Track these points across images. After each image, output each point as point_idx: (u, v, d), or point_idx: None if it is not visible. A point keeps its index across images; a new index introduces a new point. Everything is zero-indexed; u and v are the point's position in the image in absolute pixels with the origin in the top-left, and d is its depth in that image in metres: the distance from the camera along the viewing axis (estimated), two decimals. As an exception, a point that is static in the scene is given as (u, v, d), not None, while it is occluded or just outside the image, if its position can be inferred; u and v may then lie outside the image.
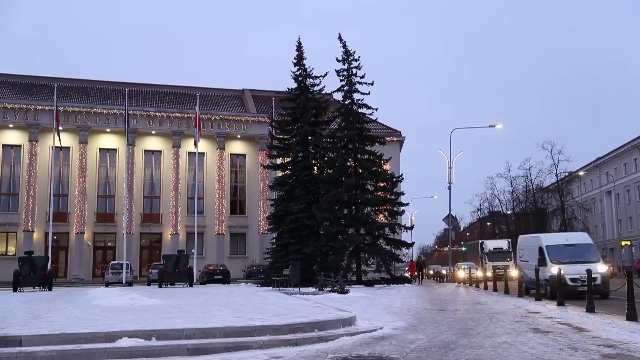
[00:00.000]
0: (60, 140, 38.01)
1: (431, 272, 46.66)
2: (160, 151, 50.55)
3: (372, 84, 34.68)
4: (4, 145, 47.46)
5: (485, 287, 27.49)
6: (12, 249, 46.39)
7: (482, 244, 47.94)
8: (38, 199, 46.27)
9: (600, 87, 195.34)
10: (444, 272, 46.61)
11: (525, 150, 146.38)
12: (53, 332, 9.92)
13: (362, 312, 14.29)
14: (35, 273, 28.64)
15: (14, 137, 47.60)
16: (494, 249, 45.02)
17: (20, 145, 47.64)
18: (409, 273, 34.88)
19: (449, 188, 43.24)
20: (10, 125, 47.16)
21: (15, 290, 27.53)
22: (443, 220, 46.67)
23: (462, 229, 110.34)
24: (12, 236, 46.80)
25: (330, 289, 23.12)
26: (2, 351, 9.06)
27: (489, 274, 31.35)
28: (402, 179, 36.18)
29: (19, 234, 46.33)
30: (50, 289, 28.15)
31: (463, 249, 77.98)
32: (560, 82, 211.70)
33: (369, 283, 32.04)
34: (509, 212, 74.51)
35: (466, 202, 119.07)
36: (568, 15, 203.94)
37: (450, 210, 44.83)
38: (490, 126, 43.10)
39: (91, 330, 10.15)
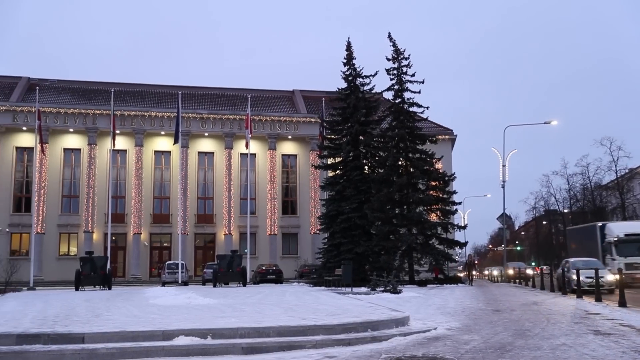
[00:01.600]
0: (114, 143, 39.22)
1: (511, 271, 40.46)
2: (213, 153, 51.36)
3: (422, 82, 34.42)
4: (64, 149, 49.13)
5: (542, 287, 26.83)
6: (73, 250, 47.97)
7: (602, 227, 32.79)
8: (97, 200, 47.69)
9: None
10: (529, 272, 38.53)
11: (581, 146, 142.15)
12: (113, 330, 10.21)
13: (415, 312, 14.18)
14: (95, 272, 29.51)
15: (74, 141, 49.23)
16: (626, 235, 30.25)
17: (79, 149, 49.23)
18: (434, 275, 33.78)
19: (503, 186, 42.51)
20: (71, 130, 48.78)
21: (77, 289, 28.43)
22: (497, 219, 45.94)
23: (516, 228, 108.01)
24: (73, 237, 48.41)
25: (383, 288, 23.01)
26: (66, 348, 9.38)
27: (614, 276, 21.63)
28: (455, 177, 35.71)
29: (80, 235, 47.86)
30: (109, 288, 28.94)
31: (518, 248, 76.28)
32: (616, 75, 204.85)
33: (422, 283, 31.76)
34: (565, 211, 72.50)
35: (521, 200, 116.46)
36: (617, 8, 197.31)
37: (504, 209, 44.08)
38: (545, 123, 42.09)
39: (149, 328, 10.40)
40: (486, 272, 50.47)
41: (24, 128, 47.49)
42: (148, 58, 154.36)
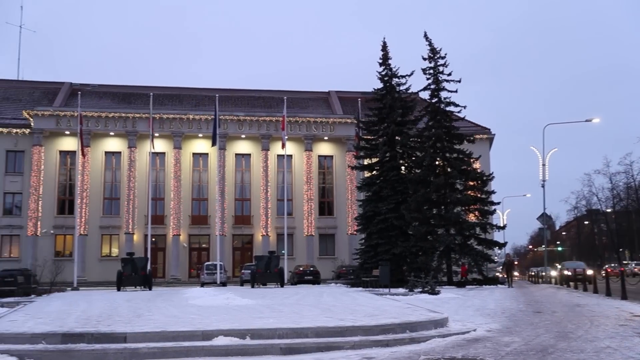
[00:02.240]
0: (153, 146, 40.01)
1: (567, 272, 35.17)
2: (250, 154, 51.75)
3: (459, 82, 34.10)
4: (105, 152, 50.14)
5: (585, 289, 26.28)
6: (115, 251, 48.92)
7: None
8: (137, 202, 48.54)
9: None
10: (590, 272, 34.68)
11: (625, 144, 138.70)
12: (154, 330, 10.39)
13: (454, 314, 14.05)
14: (136, 273, 30.06)
15: (114, 144, 50.21)
16: None
17: (120, 152, 50.19)
18: (461, 275, 33.05)
19: (543, 186, 41.82)
20: (111, 133, 49.77)
21: (119, 289, 29.00)
22: (537, 219, 45.18)
23: (557, 228, 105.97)
24: (114, 238, 49.38)
25: (421, 289, 22.86)
26: (109, 347, 9.59)
27: None
28: (493, 177, 35.26)
29: (121, 236, 48.79)
30: (150, 289, 29.42)
31: (559, 248, 74.80)
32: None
33: (460, 284, 31.44)
34: (608, 210, 70.84)
35: (561, 200, 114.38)
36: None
37: (544, 208, 43.33)
38: (586, 120, 41.23)
39: (189, 328, 10.55)
40: (533, 273, 47.84)
41: (67, 132, 48.65)
42: (185, 61, 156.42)
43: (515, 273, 36.41)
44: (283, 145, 40.77)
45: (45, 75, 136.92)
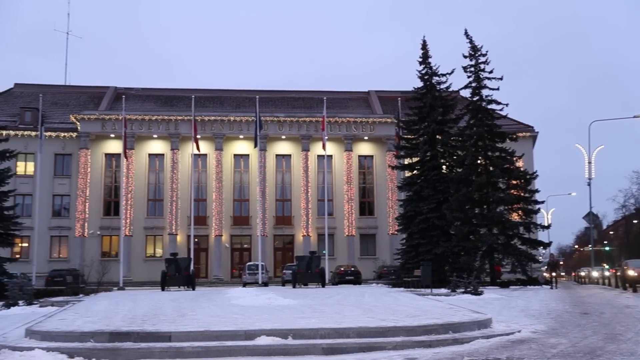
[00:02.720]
0: (198, 147, 40.59)
1: (632, 272, 30.82)
2: (290, 155, 52.01)
3: (501, 79, 33.57)
4: (149, 155, 51.09)
5: (634, 290, 25.56)
6: (159, 251, 49.80)
7: None
8: (180, 204, 49.29)
9: None
10: None
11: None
12: (198, 329, 10.56)
13: (498, 315, 13.86)
14: (179, 273, 30.50)
15: (157, 146, 51.12)
16: None
17: (163, 154, 51.07)
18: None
19: (589, 184, 40.87)
20: (155, 136, 50.68)
21: (163, 289, 29.47)
22: (583, 218, 43.95)
23: (604, 227, 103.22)
24: (158, 239, 50.27)
25: (463, 290, 22.62)
26: (154, 346, 9.78)
27: None
28: (537, 175, 34.63)
29: (165, 237, 49.64)
30: (193, 289, 29.82)
31: (606, 248, 72.93)
32: None
33: (504, 284, 30.95)
34: (658, 209, 68.71)
35: (609, 198, 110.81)
36: None
37: (590, 207, 42.20)
38: (634, 117, 40.08)
39: (232, 328, 10.67)
40: (583, 274, 45.32)
41: (112, 135, 49.75)
42: (225, 63, 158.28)
43: (562, 273, 35.36)
44: (324, 146, 40.84)
45: (91, 80, 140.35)
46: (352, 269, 40.09)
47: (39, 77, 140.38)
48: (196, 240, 45.85)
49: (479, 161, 33.71)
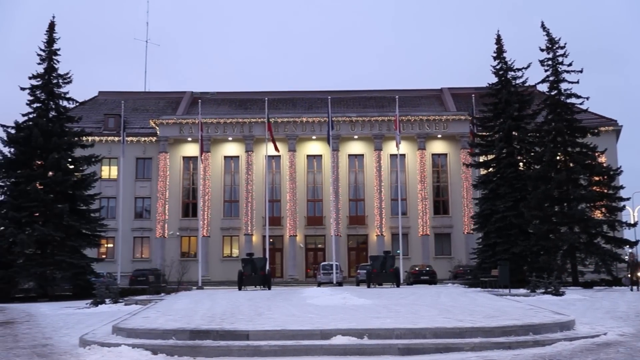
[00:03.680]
0: (276, 148, 41.43)
1: None
2: (363, 155, 51.97)
3: (581, 72, 32.41)
4: (224, 157, 52.31)
5: None
6: (235, 251, 50.89)
7: None
8: (255, 205, 50.19)
9: None
10: None
11: None
12: (275, 328, 10.73)
13: (581, 316, 13.37)
14: (256, 273, 31.06)
15: (232, 149, 52.27)
16: None
17: (238, 156, 52.17)
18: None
19: (679, 179, 38.75)
20: (230, 139, 51.85)
21: (240, 288, 30.11)
22: (673, 215, 41.72)
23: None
24: (235, 239, 51.38)
25: (543, 290, 21.99)
26: (233, 344, 10.01)
27: None
28: (621, 171, 33.12)
29: (241, 238, 50.68)
30: (269, 288, 30.30)
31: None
32: None
33: (587, 285, 29.84)
34: None
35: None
36: None
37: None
38: None
39: (308, 327, 10.78)
40: None
41: (189, 139, 51.26)
42: (295, 65, 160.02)
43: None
44: (397, 145, 40.61)
45: (169, 86, 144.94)
46: (427, 268, 39.67)
47: (120, 85, 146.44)
48: (271, 240, 46.55)
49: (558, 157, 32.69)
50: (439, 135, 51.50)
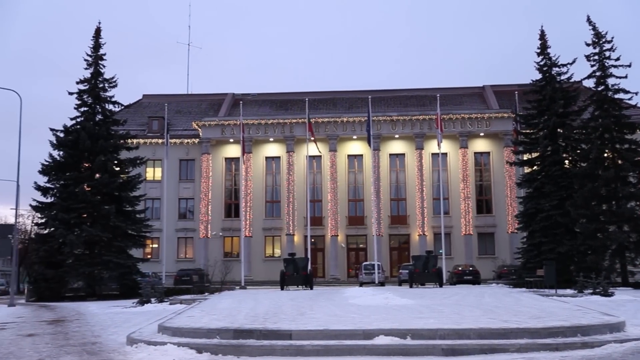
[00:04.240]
0: (317, 147, 41.51)
1: None
2: (404, 154, 51.65)
3: (629, 66, 31.60)
4: (266, 158, 52.70)
5: None
6: (277, 251, 51.21)
7: None
8: (297, 205, 50.42)
9: None
10: None
11: None
12: (317, 328, 10.75)
13: (632, 317, 13.01)
14: (298, 273, 31.20)
15: (274, 149, 52.62)
16: None
17: (279, 157, 52.49)
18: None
19: None
20: (271, 139, 52.21)
21: (282, 288, 30.30)
22: None
23: None
24: (277, 239, 51.71)
25: (591, 291, 21.48)
26: (276, 343, 10.08)
27: None
28: (674, 168, 32.13)
29: (282, 238, 50.98)
30: (311, 288, 30.39)
31: None
32: None
33: (637, 285, 29.02)
34: None
35: None
36: None
37: None
38: None
39: (350, 327, 10.77)
40: None
41: (231, 140, 51.81)
42: (334, 65, 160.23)
43: None
44: (439, 144, 40.26)
45: (211, 88, 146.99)
46: (470, 268, 39.21)
47: (164, 88, 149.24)
48: (313, 240, 46.68)
49: (605, 154, 31.96)
50: (482, 134, 50.82)
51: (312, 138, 42.12)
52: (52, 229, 31.69)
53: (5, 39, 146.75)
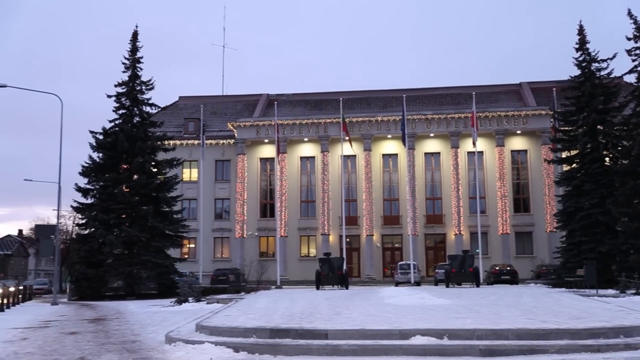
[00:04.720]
0: (352, 146, 41.51)
1: None
2: (439, 153, 51.22)
3: (672, 60, 30.73)
4: (300, 158, 52.86)
5: None
6: (312, 251, 51.32)
7: None
8: (331, 204, 50.43)
9: None
10: None
11: None
12: (353, 328, 10.74)
13: (677, 319, 12.63)
14: (333, 273, 31.19)
15: (308, 149, 52.74)
16: None
17: (314, 157, 52.58)
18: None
19: None
20: (305, 139, 52.33)
21: (317, 288, 30.34)
22: None
23: None
24: (312, 239, 51.81)
25: (634, 291, 21.03)
26: (312, 343, 10.10)
27: None
28: None
29: (318, 237, 51.05)
30: (347, 288, 30.35)
31: None
32: None
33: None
34: None
35: None
36: None
37: None
38: None
39: (387, 327, 10.73)
40: None
41: (266, 140, 52.11)
42: (369, 64, 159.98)
43: None
44: (474, 143, 39.80)
45: (246, 89, 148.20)
46: (508, 268, 38.67)
47: (199, 89, 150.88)
48: (348, 240, 46.65)
49: (648, 151, 31.09)
50: (518, 131, 50.08)
51: (347, 138, 42.11)
52: (92, 229, 32.37)
53: (40, 43, 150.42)
